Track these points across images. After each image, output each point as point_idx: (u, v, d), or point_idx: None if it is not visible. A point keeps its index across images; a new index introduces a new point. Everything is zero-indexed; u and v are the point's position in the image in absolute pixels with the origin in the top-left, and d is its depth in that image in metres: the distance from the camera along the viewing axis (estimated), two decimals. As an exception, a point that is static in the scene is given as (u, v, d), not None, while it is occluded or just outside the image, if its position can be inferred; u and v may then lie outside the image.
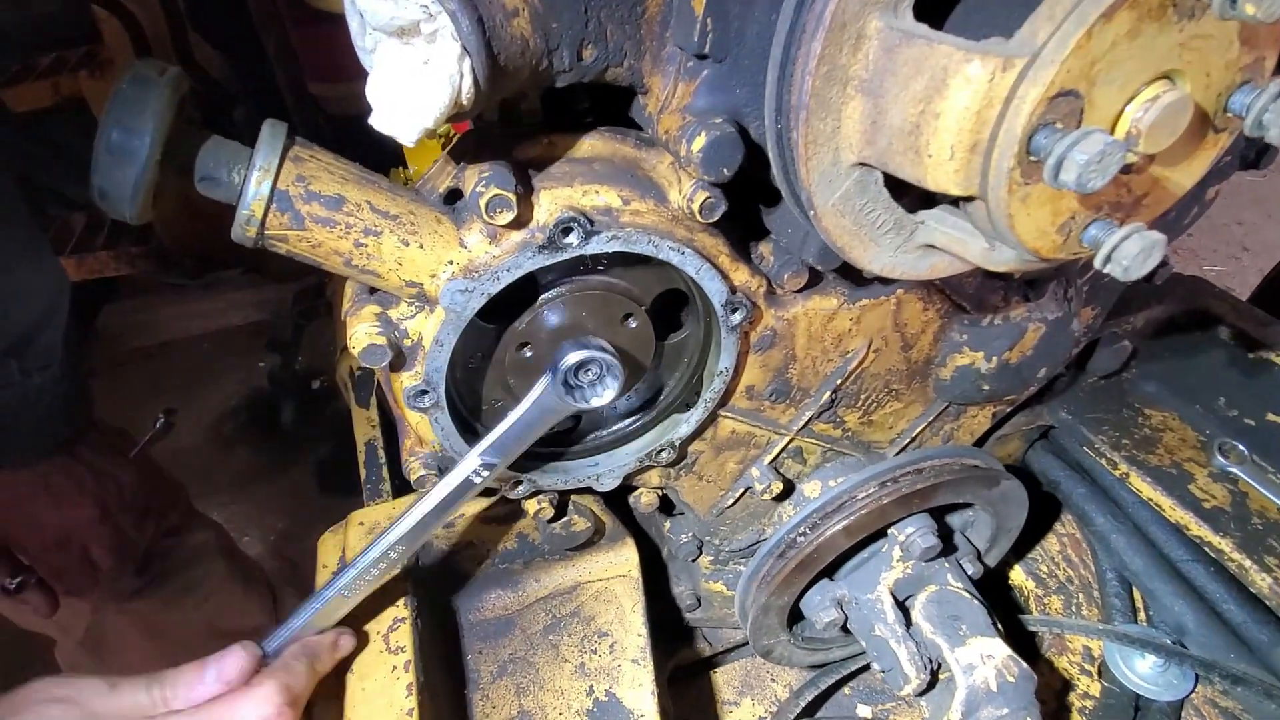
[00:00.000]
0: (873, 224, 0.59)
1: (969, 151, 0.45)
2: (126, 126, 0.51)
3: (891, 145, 0.49)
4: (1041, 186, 0.47)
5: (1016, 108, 0.43)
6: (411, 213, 0.65)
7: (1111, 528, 1.27)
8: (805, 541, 0.99)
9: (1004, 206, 0.47)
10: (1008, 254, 0.54)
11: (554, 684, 0.98)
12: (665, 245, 0.72)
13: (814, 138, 0.51)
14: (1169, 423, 1.29)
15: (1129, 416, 1.30)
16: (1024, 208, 0.47)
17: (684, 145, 0.63)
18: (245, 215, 0.57)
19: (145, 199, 0.53)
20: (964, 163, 0.46)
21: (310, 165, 0.60)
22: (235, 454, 3.34)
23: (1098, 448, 1.26)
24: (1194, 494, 1.17)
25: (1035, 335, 1.01)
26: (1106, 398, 1.32)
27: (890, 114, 0.48)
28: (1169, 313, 1.29)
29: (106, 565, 1.41)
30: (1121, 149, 0.40)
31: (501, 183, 0.63)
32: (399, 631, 0.87)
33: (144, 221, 0.56)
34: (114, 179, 0.52)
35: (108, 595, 1.47)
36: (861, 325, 0.94)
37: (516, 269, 0.68)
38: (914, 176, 0.49)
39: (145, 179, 0.52)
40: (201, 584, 1.59)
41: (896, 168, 0.50)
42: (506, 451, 0.77)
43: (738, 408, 0.97)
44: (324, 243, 0.62)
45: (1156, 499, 1.18)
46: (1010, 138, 0.44)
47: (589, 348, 0.73)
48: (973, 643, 0.94)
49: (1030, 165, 0.45)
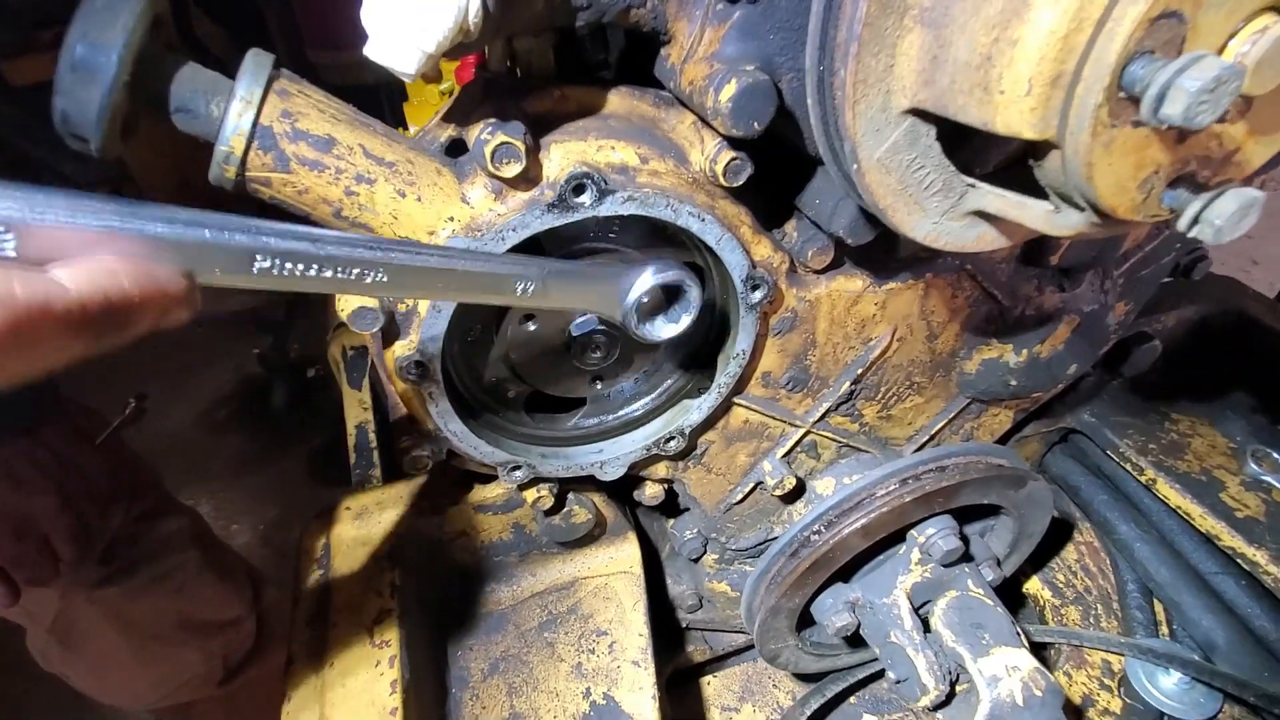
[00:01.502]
0: (920, 183, 0.53)
1: (1049, 85, 0.39)
2: (93, 42, 0.45)
3: (955, 83, 0.43)
4: (1128, 131, 0.41)
5: (1111, 31, 0.37)
6: (409, 161, 0.59)
7: (1135, 536, 1.21)
8: (820, 540, 0.92)
9: (1084, 153, 0.41)
10: (1074, 217, 0.48)
11: (549, 684, 0.92)
12: (685, 210, 0.66)
13: (864, 76, 0.46)
14: (1197, 428, 1.24)
15: (1155, 420, 1.24)
16: (1106, 156, 0.41)
17: (711, 95, 0.57)
18: (224, 152, 0.52)
19: (111, 126, 0.47)
20: (1042, 99, 0.40)
21: (298, 101, 0.54)
22: (226, 441, 3.27)
23: (1123, 452, 1.20)
24: (1226, 503, 1.11)
25: (1069, 328, 0.95)
26: (1131, 400, 1.26)
27: (956, 46, 0.42)
28: (1201, 313, 1.23)
29: (67, 555, 1.35)
30: (1238, 76, 0.35)
31: (510, 130, 0.57)
32: (384, 625, 0.81)
33: (112, 155, 0.50)
34: (77, 100, 0.46)
35: (74, 583, 1.40)
36: (887, 311, 0.88)
37: (523, 229, 0.62)
38: (979, 119, 0.43)
39: (112, 101, 0.46)
40: (174, 573, 1.52)
41: (959, 109, 0.44)
42: (556, 287, 0.56)
43: (752, 395, 0.91)
44: (311, 189, 0.56)
45: (1186, 507, 1.13)
46: (1101, 68, 0.38)
47: (680, 271, 0.60)
48: (997, 653, 0.88)
49: (1119, 103, 0.39)
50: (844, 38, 0.45)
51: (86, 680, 1.54)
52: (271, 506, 2.98)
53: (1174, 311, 1.22)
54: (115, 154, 0.51)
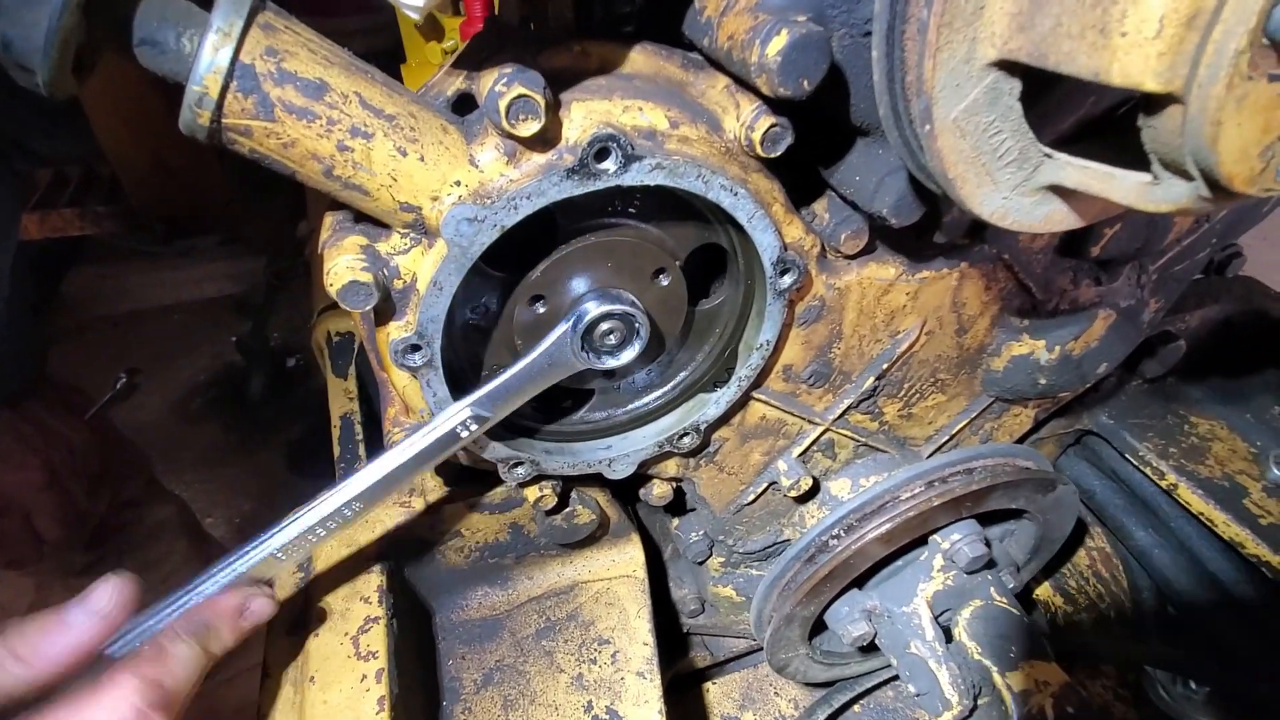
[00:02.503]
0: (994, 151, 0.47)
1: (1184, 26, 0.34)
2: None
3: (1060, 27, 0.37)
4: (1263, 87, 0.35)
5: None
6: (412, 115, 0.52)
7: (1153, 543, 1.18)
8: (839, 546, 0.87)
9: (1214, 109, 0.35)
10: (1178, 189, 0.42)
11: (547, 697, 0.85)
12: (717, 182, 0.60)
13: (951, 18, 0.39)
14: (1217, 431, 1.20)
15: (1174, 423, 1.20)
16: (1237, 114, 0.36)
17: (756, 49, 0.51)
18: (196, 94, 0.44)
19: (61, 55, 0.40)
20: (1174, 42, 0.34)
21: (285, 37, 0.47)
22: (202, 430, 3.16)
23: (1142, 456, 1.16)
24: (1249, 509, 1.08)
25: (1104, 324, 0.90)
26: (1150, 402, 1.22)
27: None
28: (1225, 313, 1.19)
29: (52, 536, 1.25)
30: None
31: (528, 82, 0.50)
32: (371, 633, 0.74)
33: (61, 94, 0.43)
34: (21, 21, 0.38)
35: (54, 569, 1.31)
36: (918, 302, 0.82)
37: (539, 197, 0.55)
38: (1090, 68, 0.37)
39: (62, 25, 0.39)
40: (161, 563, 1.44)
41: (1063, 58, 0.38)
42: (502, 403, 0.64)
43: (772, 390, 0.85)
44: (298, 141, 0.48)
45: (1209, 513, 1.09)
46: (1248, 6, 0.32)
47: (619, 301, 0.61)
48: (1026, 667, 0.83)
49: (1263, 51, 0.34)
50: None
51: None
52: (249, 499, 2.88)
53: (1198, 311, 1.18)
54: (67, 91, 0.43)
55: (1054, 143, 0.52)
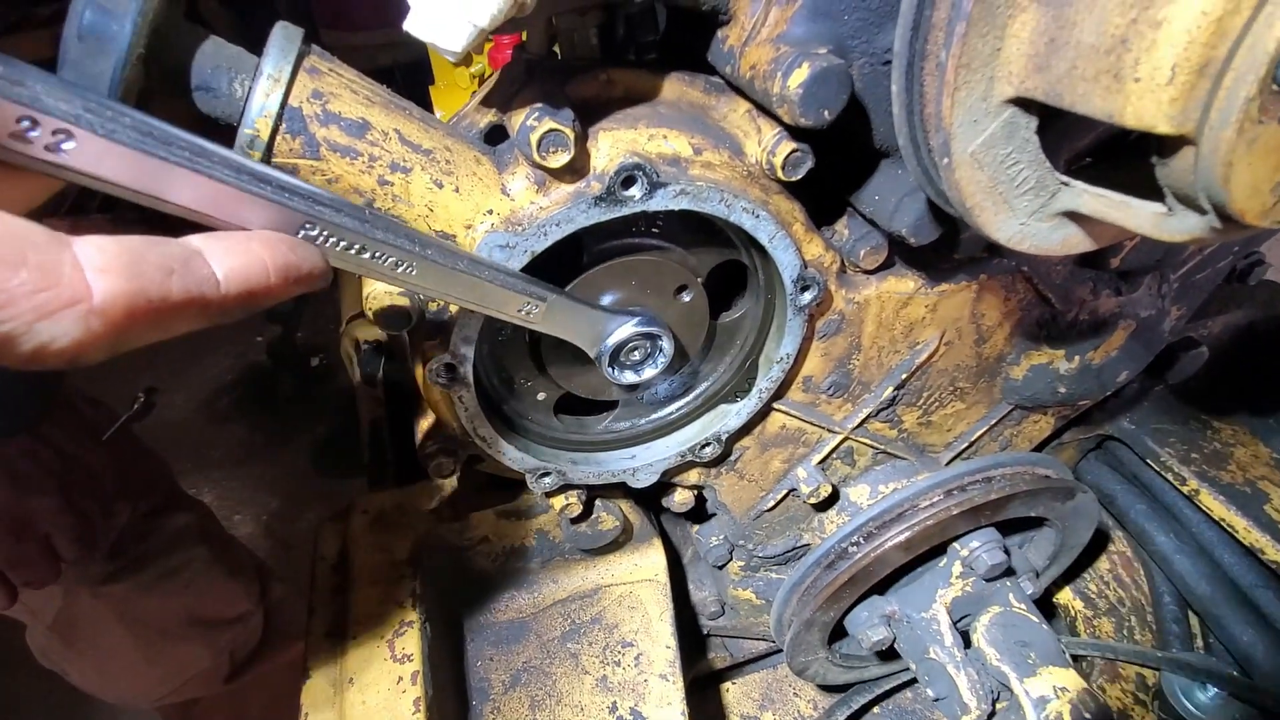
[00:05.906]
0: (1012, 180, 0.48)
1: (1195, 74, 0.35)
2: (103, 7, 0.40)
3: (1075, 69, 0.39)
4: (1275, 129, 0.36)
5: (1271, 15, 0.33)
6: (447, 149, 0.54)
7: (1174, 548, 1.18)
8: (859, 553, 0.89)
9: (1225, 151, 0.36)
10: (1191, 221, 0.43)
11: (573, 698, 0.88)
12: (739, 206, 0.61)
13: (969, 60, 0.41)
14: (1239, 437, 1.20)
15: (1197, 429, 1.20)
16: (1248, 155, 0.37)
17: (778, 81, 0.52)
18: (248, 136, 0.47)
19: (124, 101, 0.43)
20: (1186, 89, 0.35)
21: (330, 80, 0.49)
22: (229, 430, 3.23)
23: (1164, 461, 1.16)
24: (1270, 515, 1.08)
25: (1124, 334, 0.91)
26: (1172, 407, 1.22)
27: (1080, 27, 0.38)
28: (1248, 319, 1.18)
29: (69, 555, 1.30)
30: None
31: (559, 117, 0.52)
32: (406, 637, 0.77)
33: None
34: (85, 73, 0.41)
35: (79, 580, 1.36)
36: (937, 314, 0.83)
37: (568, 224, 0.58)
38: (1103, 109, 0.38)
39: (124, 76, 0.41)
40: (182, 570, 1.48)
41: (1078, 98, 0.39)
42: (546, 315, 0.57)
43: (792, 400, 0.86)
44: (343, 177, 0.51)
45: (1230, 519, 1.09)
46: (1257, 56, 0.33)
47: (653, 324, 0.63)
48: (1044, 673, 0.84)
49: (1273, 96, 0.35)
50: (947, 16, 0.41)
51: (89, 677, 1.51)
52: (275, 497, 2.94)
53: (1221, 317, 1.17)
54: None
55: (1071, 163, 0.53)
